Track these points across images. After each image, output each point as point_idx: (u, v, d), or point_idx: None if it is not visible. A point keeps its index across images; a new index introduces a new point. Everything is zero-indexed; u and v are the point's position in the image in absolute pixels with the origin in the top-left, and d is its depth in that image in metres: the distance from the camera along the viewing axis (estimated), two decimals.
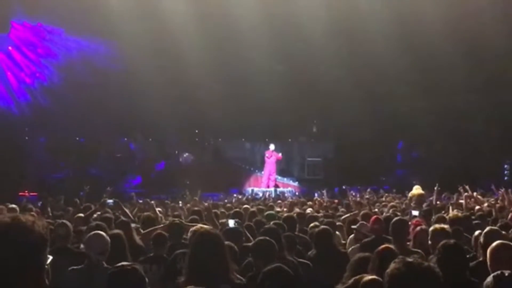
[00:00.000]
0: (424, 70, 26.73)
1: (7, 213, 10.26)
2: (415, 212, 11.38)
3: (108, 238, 6.91)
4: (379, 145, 28.56)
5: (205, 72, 26.33)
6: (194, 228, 7.10)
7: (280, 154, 27.55)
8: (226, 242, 5.75)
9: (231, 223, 8.93)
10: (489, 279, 4.30)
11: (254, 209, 12.62)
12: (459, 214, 10.13)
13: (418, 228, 8.07)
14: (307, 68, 27.98)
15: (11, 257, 2.73)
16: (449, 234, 6.91)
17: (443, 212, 11.37)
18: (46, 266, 2.88)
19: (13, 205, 12.35)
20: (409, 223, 8.87)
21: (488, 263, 5.29)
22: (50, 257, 2.90)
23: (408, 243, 7.79)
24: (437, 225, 7.37)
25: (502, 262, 5.02)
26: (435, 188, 13.21)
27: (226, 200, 19.37)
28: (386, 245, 5.96)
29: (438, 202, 13.40)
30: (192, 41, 25.42)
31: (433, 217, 10.34)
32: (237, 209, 12.00)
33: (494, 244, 5.40)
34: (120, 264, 4.64)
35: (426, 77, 27.12)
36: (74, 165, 26.90)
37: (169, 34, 25.30)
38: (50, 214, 12.51)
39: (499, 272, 4.43)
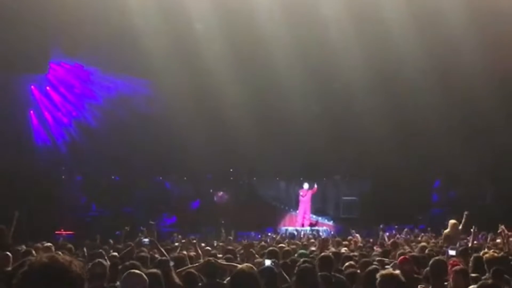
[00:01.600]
0: (461, 109, 26.61)
1: (43, 251, 10.37)
2: (452, 252, 11.20)
3: (145, 276, 6.91)
4: (416, 184, 28.30)
5: (241, 111, 26.53)
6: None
7: (315, 187, 27.46)
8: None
9: (268, 262, 8.88)
10: None
11: (288, 248, 12.50)
12: (496, 254, 9.94)
13: (457, 268, 7.93)
14: (343, 107, 28.00)
15: None
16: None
17: (480, 252, 11.16)
18: None
19: (49, 244, 12.42)
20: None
21: None
22: None
23: (445, 283, 7.67)
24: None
25: None
26: (472, 228, 12.97)
27: (261, 238, 19.29)
28: None
29: (475, 242, 13.16)
30: (228, 80, 25.63)
31: (471, 257, 10.18)
32: (272, 248, 11.89)
33: None
34: None
35: (464, 117, 26.96)
36: (110, 204, 27.09)
37: (205, 73, 25.57)
38: (86, 254, 12.56)
39: None
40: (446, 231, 15.14)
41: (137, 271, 7.03)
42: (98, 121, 28.55)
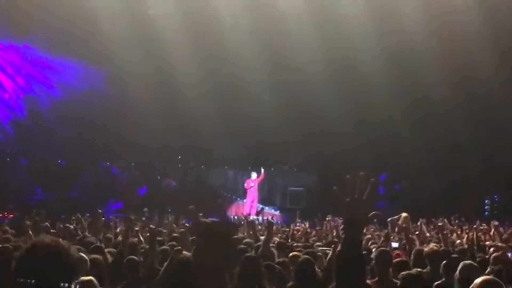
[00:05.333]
0: (412, 101, 26.99)
1: None
2: (395, 244, 11.35)
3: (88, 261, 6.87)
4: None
5: (191, 98, 26.38)
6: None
7: (262, 174, 27.54)
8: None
9: None
10: None
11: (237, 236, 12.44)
12: (436, 248, 10.08)
13: (397, 260, 8.02)
14: (293, 98, 28.09)
15: (51, 277, 2.87)
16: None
17: (424, 245, 11.31)
18: None
19: None
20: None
21: None
22: None
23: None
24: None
25: None
26: (419, 222, 13.18)
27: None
28: None
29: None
30: (179, 66, 25.48)
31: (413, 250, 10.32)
32: None
33: (479, 280, 5.24)
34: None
35: (414, 110, 27.36)
36: (55, 188, 26.69)
37: (157, 59, 25.37)
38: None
39: None
40: (400, 223, 15.36)
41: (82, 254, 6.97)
42: (46, 105, 28.13)
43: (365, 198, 3.40)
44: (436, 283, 7.76)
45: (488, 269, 8.29)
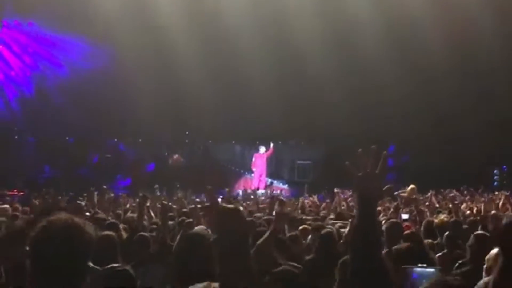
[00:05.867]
0: (418, 72, 26.89)
1: None
2: (405, 216, 11.32)
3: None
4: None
5: (197, 74, 26.33)
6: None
7: (271, 148, 27.60)
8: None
9: None
10: (481, 282, 4.28)
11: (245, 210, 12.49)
12: (446, 219, 10.06)
13: (407, 232, 7.99)
14: (299, 72, 28.00)
15: (67, 255, 2.90)
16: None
17: (434, 216, 11.30)
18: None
19: (5, 205, 12.23)
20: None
21: (491, 269, 5.04)
22: None
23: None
24: None
25: None
26: (429, 193, 13.13)
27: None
28: None
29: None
30: (184, 43, 25.41)
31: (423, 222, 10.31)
32: None
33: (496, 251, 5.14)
34: (110, 266, 4.62)
35: (419, 81, 27.25)
36: (63, 166, 26.76)
37: (161, 36, 25.29)
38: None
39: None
40: (405, 195, 15.34)
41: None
42: (52, 82, 28.13)
43: (378, 172, 3.37)
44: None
45: None
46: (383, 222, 9.11)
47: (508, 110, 26.42)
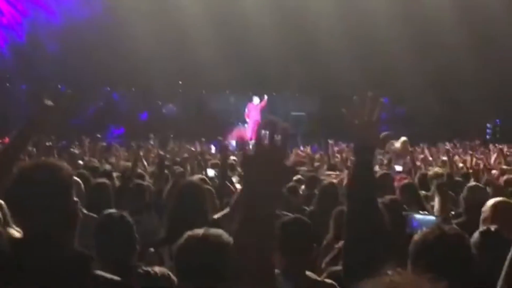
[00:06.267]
0: (413, 25, 26.77)
1: None
2: (399, 168, 11.38)
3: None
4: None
5: (194, 25, 26.17)
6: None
7: (265, 99, 27.61)
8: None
9: (211, 172, 8.91)
10: (476, 235, 4.30)
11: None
12: (440, 171, 10.12)
13: (404, 182, 8.04)
14: (293, 21, 27.83)
15: (46, 194, 2.92)
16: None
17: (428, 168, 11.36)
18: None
19: None
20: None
21: (487, 220, 5.06)
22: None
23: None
24: None
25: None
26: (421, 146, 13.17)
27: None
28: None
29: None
30: None
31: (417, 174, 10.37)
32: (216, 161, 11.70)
33: (491, 202, 5.17)
34: (108, 212, 4.63)
35: (416, 34, 27.14)
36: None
37: None
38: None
39: (485, 227, 4.43)
40: (395, 147, 15.40)
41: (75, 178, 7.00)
42: (45, 29, 27.88)
43: (374, 119, 3.35)
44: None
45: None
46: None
47: (507, 61, 26.43)
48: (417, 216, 4.96)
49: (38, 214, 2.90)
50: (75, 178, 6.82)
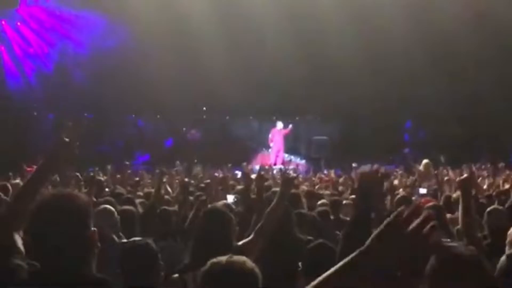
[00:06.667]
0: (434, 52, 26.78)
1: (12, 188, 10.34)
2: (423, 190, 11.33)
3: (116, 214, 6.97)
4: (387, 124, 28.54)
5: (216, 50, 26.39)
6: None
7: (289, 128, 27.63)
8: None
9: (230, 198, 8.96)
10: (503, 258, 4.30)
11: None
12: None
13: (429, 204, 8.01)
14: (317, 47, 27.96)
15: (65, 224, 3.06)
16: None
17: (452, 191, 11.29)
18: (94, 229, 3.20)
19: (17, 180, 12.37)
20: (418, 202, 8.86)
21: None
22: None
23: None
24: None
25: None
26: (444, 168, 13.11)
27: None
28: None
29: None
30: (201, 19, 25.46)
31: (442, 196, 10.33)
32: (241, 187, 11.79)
33: None
34: (132, 239, 4.70)
35: (437, 58, 27.10)
36: (83, 142, 26.89)
37: (179, 12, 25.33)
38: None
39: None
40: (420, 170, 15.38)
41: (108, 206, 7.08)
42: (71, 58, 28.32)
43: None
44: None
45: None
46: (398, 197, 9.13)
47: None
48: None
49: (56, 241, 3.04)
50: (108, 206, 6.97)
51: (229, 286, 3.12)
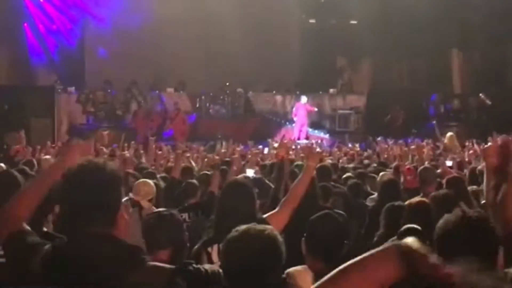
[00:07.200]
0: (461, 20, 26.53)
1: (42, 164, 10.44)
2: (449, 163, 11.26)
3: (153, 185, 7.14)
4: (412, 97, 28.37)
5: (239, 25, 26.46)
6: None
7: (314, 108, 27.58)
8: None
9: (250, 172, 8.99)
10: None
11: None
12: None
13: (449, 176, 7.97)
14: (338, 19, 27.86)
15: (88, 194, 3.05)
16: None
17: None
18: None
19: (47, 156, 12.45)
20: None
21: None
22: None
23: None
24: None
25: None
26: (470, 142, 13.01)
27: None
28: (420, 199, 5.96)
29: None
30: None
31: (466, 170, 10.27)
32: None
33: None
34: (157, 210, 4.71)
35: (463, 29, 26.83)
36: (106, 117, 27.10)
37: None
38: None
39: None
40: (445, 142, 15.31)
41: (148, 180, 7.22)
42: (94, 33, 28.46)
43: None
44: None
45: None
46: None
47: None
48: None
49: (85, 210, 3.05)
50: (156, 181, 7.12)
51: (246, 249, 3.12)
